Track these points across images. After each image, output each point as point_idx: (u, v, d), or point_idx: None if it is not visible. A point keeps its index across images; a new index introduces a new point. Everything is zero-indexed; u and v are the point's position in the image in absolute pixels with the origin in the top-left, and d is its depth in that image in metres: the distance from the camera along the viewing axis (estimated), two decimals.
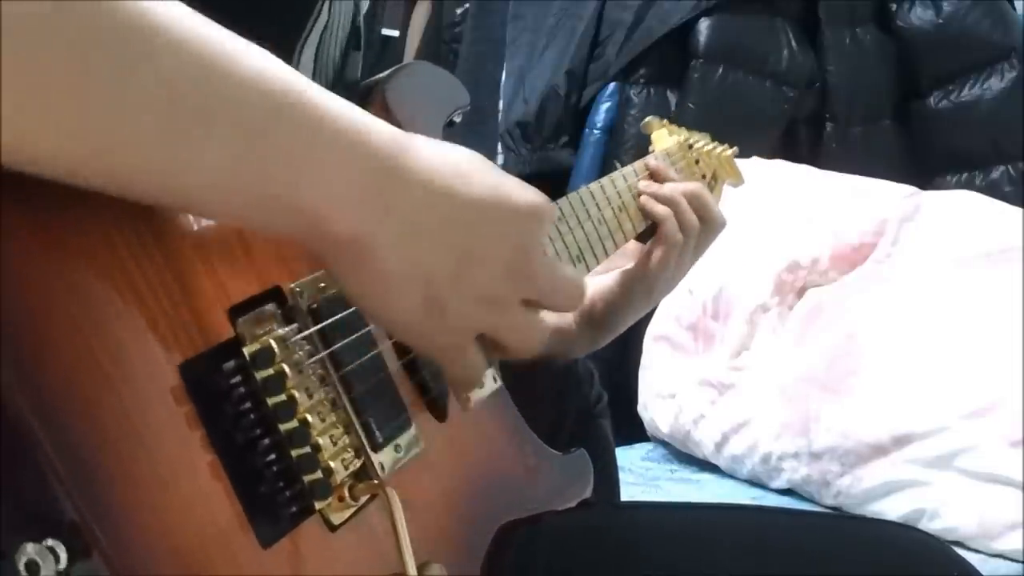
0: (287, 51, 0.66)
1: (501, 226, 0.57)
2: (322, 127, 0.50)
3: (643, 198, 0.94)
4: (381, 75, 0.74)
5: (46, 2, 0.41)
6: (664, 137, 1.06)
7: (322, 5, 0.68)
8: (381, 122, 0.53)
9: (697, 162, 1.06)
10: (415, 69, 0.78)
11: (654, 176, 0.97)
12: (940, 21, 2.28)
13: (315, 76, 0.69)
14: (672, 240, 0.93)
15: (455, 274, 0.55)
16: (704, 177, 1.07)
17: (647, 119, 1.07)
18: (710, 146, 1.10)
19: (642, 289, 0.95)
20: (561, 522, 0.73)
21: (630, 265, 0.96)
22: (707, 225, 0.96)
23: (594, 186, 0.91)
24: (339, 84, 0.72)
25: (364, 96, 0.72)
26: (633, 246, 0.96)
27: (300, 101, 0.49)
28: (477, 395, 0.67)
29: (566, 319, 0.95)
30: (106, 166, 0.45)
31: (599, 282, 0.96)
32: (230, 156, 0.47)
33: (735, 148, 1.14)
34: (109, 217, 0.49)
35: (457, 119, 0.80)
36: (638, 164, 0.97)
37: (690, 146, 1.06)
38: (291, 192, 0.49)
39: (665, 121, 1.08)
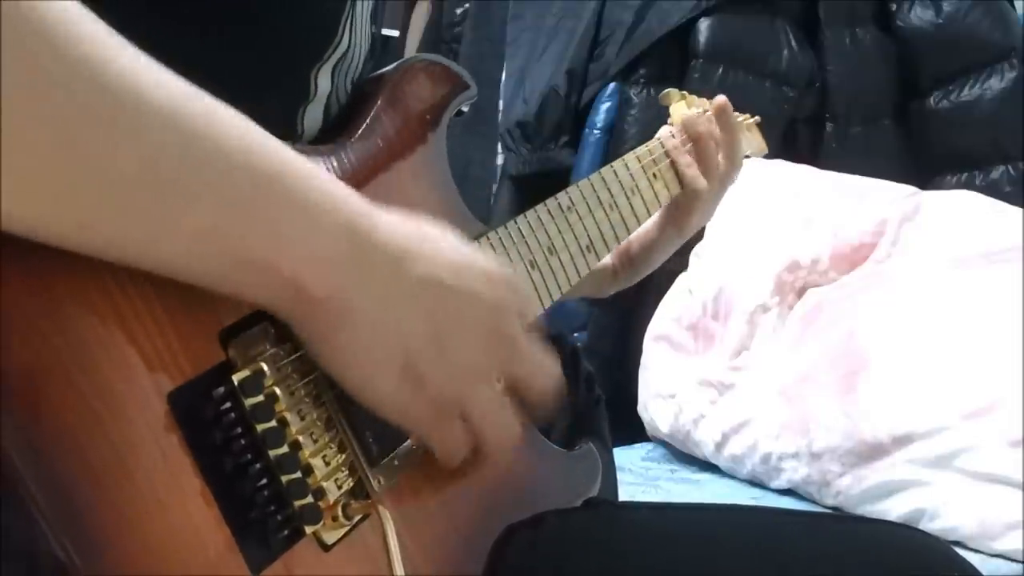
0: (301, 79, 0.66)
1: (477, 288, 0.57)
2: (298, 193, 0.51)
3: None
4: (386, 69, 0.73)
5: (36, 79, 0.41)
6: (683, 109, 1.05)
7: (341, 35, 0.67)
8: (349, 188, 0.54)
9: None
10: (422, 60, 0.77)
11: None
12: (940, 21, 2.28)
13: (330, 96, 0.69)
14: (695, 185, 0.98)
15: (433, 339, 0.55)
16: None
17: (666, 91, 1.07)
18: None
19: (674, 229, 1.01)
20: (562, 523, 0.72)
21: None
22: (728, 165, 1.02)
23: (605, 171, 0.89)
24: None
25: (367, 88, 0.72)
26: None
27: (278, 170, 0.50)
28: None
29: (604, 260, 0.98)
30: (86, 237, 0.46)
31: None
32: (209, 225, 0.48)
33: (756, 117, 1.13)
34: None
35: (465, 109, 0.79)
36: (652, 144, 0.97)
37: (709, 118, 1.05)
38: (268, 257, 0.50)
39: (684, 92, 1.07)
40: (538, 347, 0.62)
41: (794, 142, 2.31)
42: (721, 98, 1.05)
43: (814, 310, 1.81)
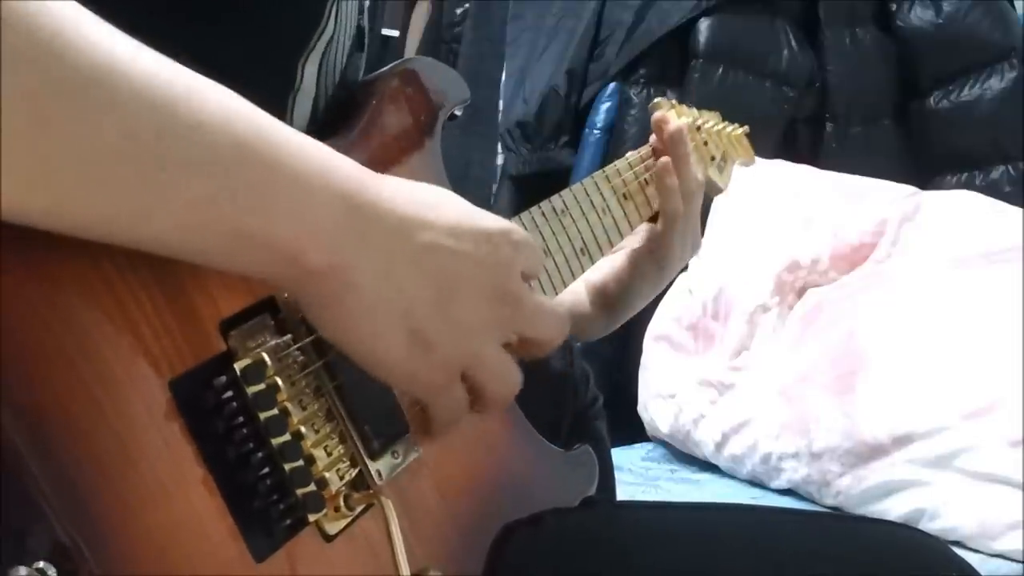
0: (289, 68, 0.66)
1: (478, 250, 0.57)
2: (289, 163, 0.50)
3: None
4: (381, 70, 0.74)
5: (5, 59, 0.41)
6: (672, 119, 1.05)
7: (327, 20, 0.67)
8: (344, 157, 0.54)
9: (706, 143, 1.05)
10: (416, 64, 0.78)
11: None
12: (940, 21, 2.28)
13: (318, 87, 0.69)
14: (671, 212, 0.93)
15: (437, 303, 0.55)
16: (714, 159, 1.06)
17: (655, 100, 1.06)
18: (720, 126, 1.09)
19: (653, 266, 0.94)
20: (561, 522, 0.72)
21: (638, 244, 0.95)
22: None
23: (598, 175, 0.90)
24: (340, 86, 0.71)
25: (360, 95, 0.72)
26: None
27: (266, 139, 0.50)
28: None
29: (580, 299, 0.95)
30: (69, 216, 0.45)
31: (609, 262, 0.96)
32: (198, 198, 0.47)
33: (745, 127, 1.13)
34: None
35: (458, 112, 0.80)
36: (644, 150, 0.97)
37: (698, 128, 1.05)
38: (263, 228, 0.49)
39: (674, 102, 1.07)
40: (543, 302, 0.62)
41: (794, 142, 2.31)
42: (662, 106, 1.03)
43: (814, 310, 1.81)
